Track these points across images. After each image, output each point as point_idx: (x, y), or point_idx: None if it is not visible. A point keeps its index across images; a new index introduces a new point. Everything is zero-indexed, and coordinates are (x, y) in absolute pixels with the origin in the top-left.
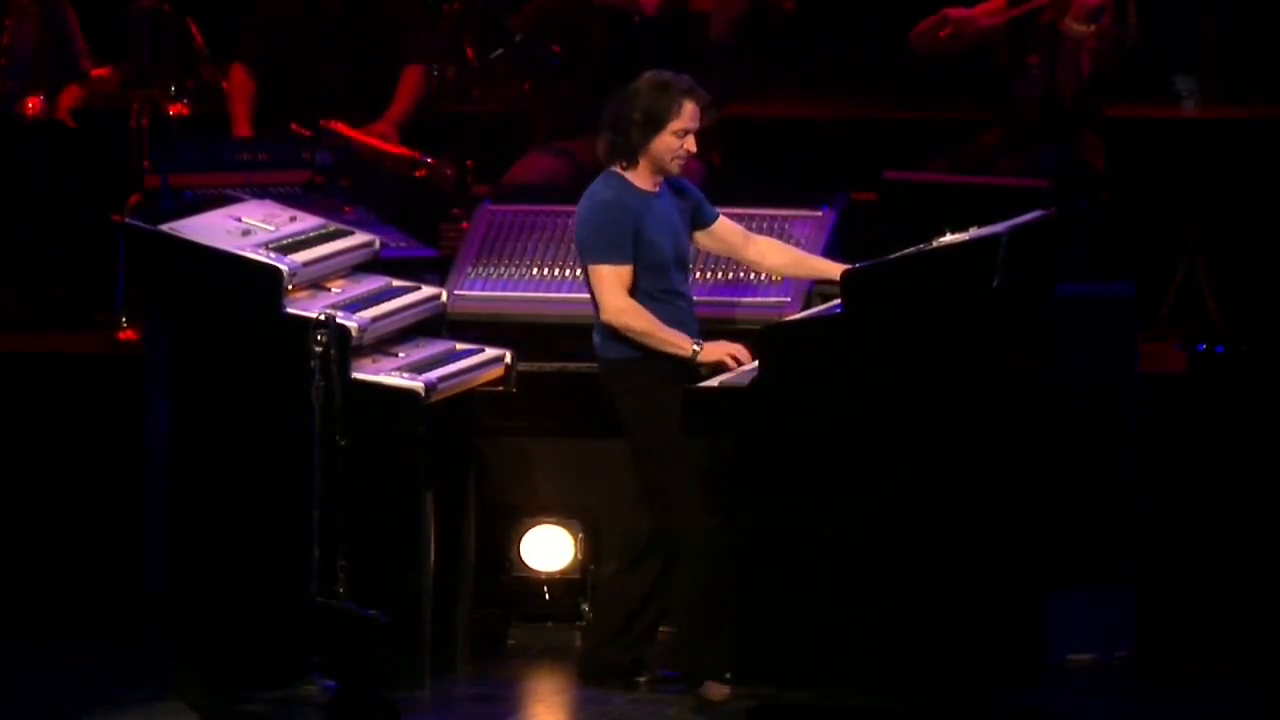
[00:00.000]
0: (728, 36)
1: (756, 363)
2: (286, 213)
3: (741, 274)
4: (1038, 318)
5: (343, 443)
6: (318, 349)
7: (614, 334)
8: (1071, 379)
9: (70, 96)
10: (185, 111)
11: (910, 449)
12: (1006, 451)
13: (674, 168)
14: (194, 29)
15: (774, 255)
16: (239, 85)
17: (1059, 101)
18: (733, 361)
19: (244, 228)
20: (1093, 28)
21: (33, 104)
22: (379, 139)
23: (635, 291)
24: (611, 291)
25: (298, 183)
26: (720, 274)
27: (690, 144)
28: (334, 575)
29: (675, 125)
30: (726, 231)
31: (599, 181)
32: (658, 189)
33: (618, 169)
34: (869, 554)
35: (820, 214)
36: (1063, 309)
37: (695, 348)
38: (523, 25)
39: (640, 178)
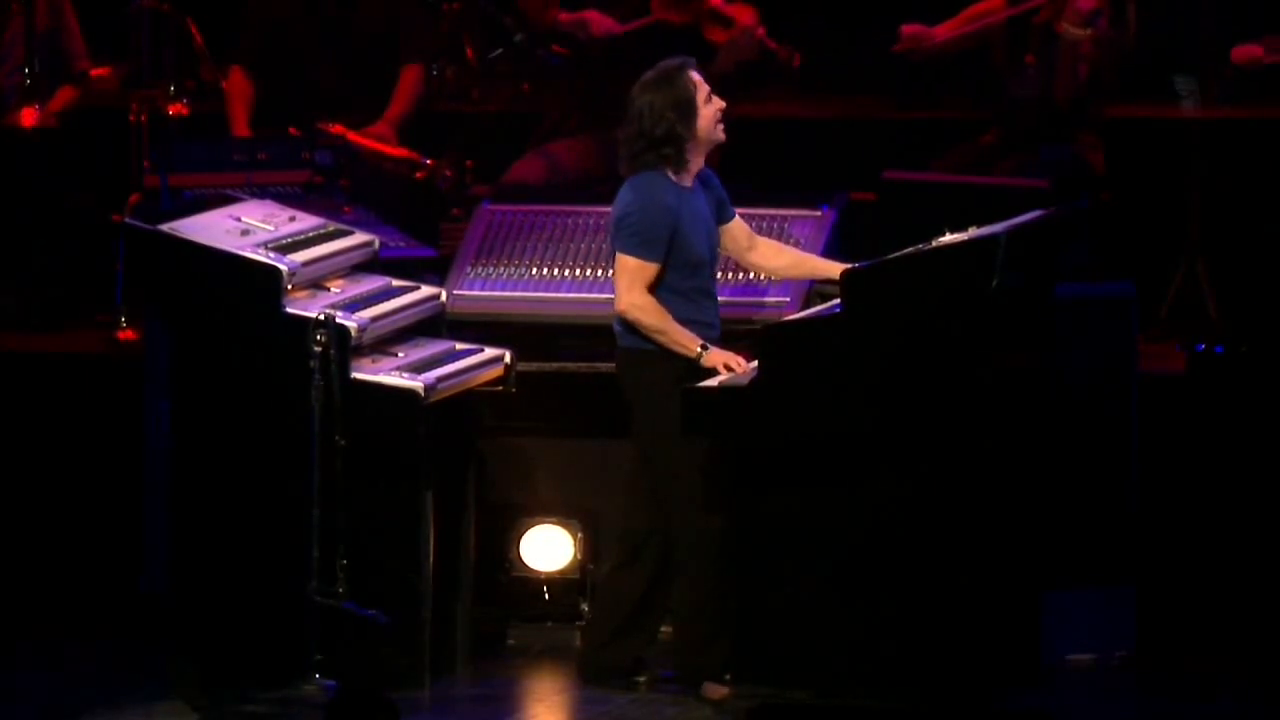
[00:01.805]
0: (729, 72)
1: (756, 363)
2: (286, 213)
3: (741, 274)
4: (1038, 318)
5: (342, 443)
6: (317, 349)
7: (632, 325)
8: (1071, 379)
9: (61, 99)
10: (185, 111)
11: (910, 449)
12: (1006, 451)
13: (720, 133)
14: (194, 29)
15: (775, 258)
16: (237, 87)
17: (1055, 103)
18: (725, 370)
19: (243, 228)
20: (1089, 32)
21: (28, 113)
22: (378, 140)
23: (666, 287)
24: (631, 285)
25: (298, 183)
26: (720, 274)
27: (718, 101)
28: (334, 575)
29: (700, 97)
30: (738, 232)
31: (638, 177)
32: (693, 185)
33: (655, 169)
34: (869, 554)
35: (820, 214)
36: (1063, 309)
37: (700, 350)
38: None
39: (674, 173)
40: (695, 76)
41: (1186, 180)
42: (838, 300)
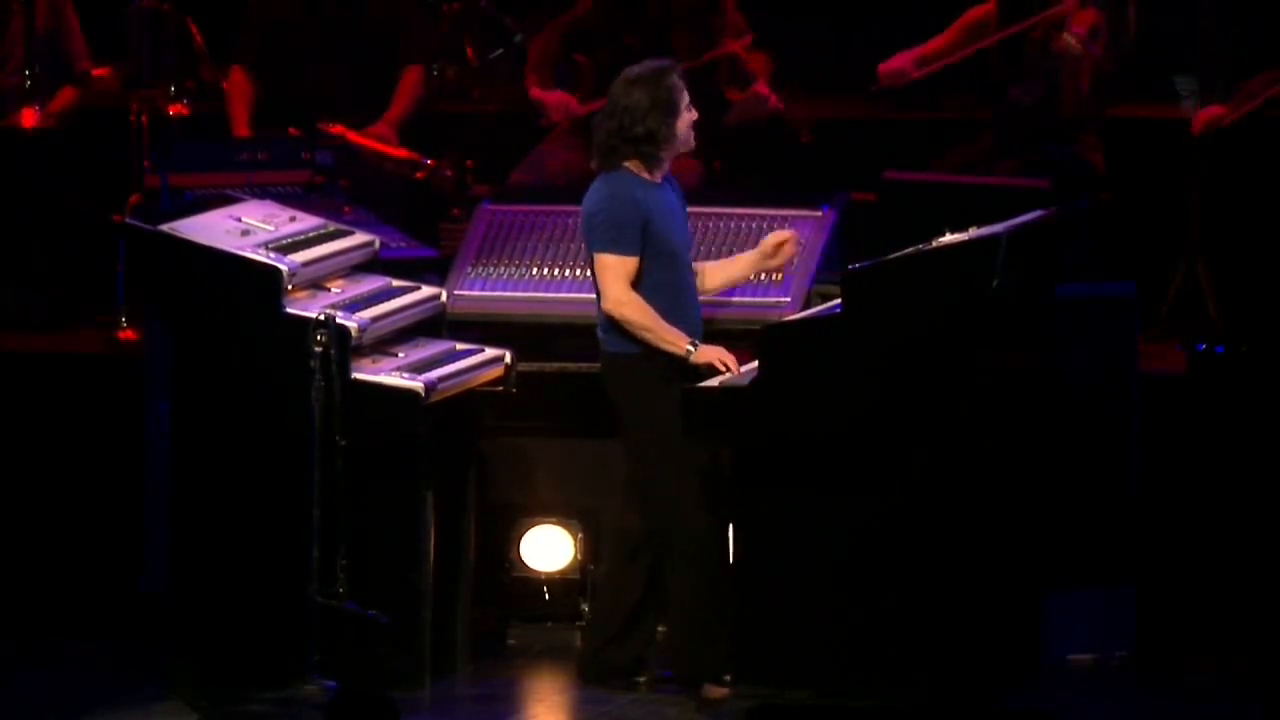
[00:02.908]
0: (734, 128)
1: (755, 363)
2: (286, 213)
3: None
4: (1038, 318)
5: (343, 443)
6: (318, 349)
7: (616, 327)
8: (1071, 379)
9: (62, 100)
10: (185, 111)
11: (910, 449)
12: (1007, 452)
13: (692, 140)
14: (194, 29)
15: (710, 277)
16: (238, 87)
17: (1060, 115)
18: (721, 366)
19: (244, 228)
20: (1088, 51)
21: (28, 114)
22: (378, 140)
23: (645, 282)
24: (614, 281)
25: (298, 183)
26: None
27: (695, 113)
28: (334, 575)
29: (684, 102)
30: None
31: (606, 175)
32: (662, 181)
33: (625, 165)
34: (869, 554)
35: (820, 214)
36: (1063, 309)
37: (690, 347)
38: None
39: (647, 171)
40: (679, 80)
41: (1186, 180)
42: (838, 300)
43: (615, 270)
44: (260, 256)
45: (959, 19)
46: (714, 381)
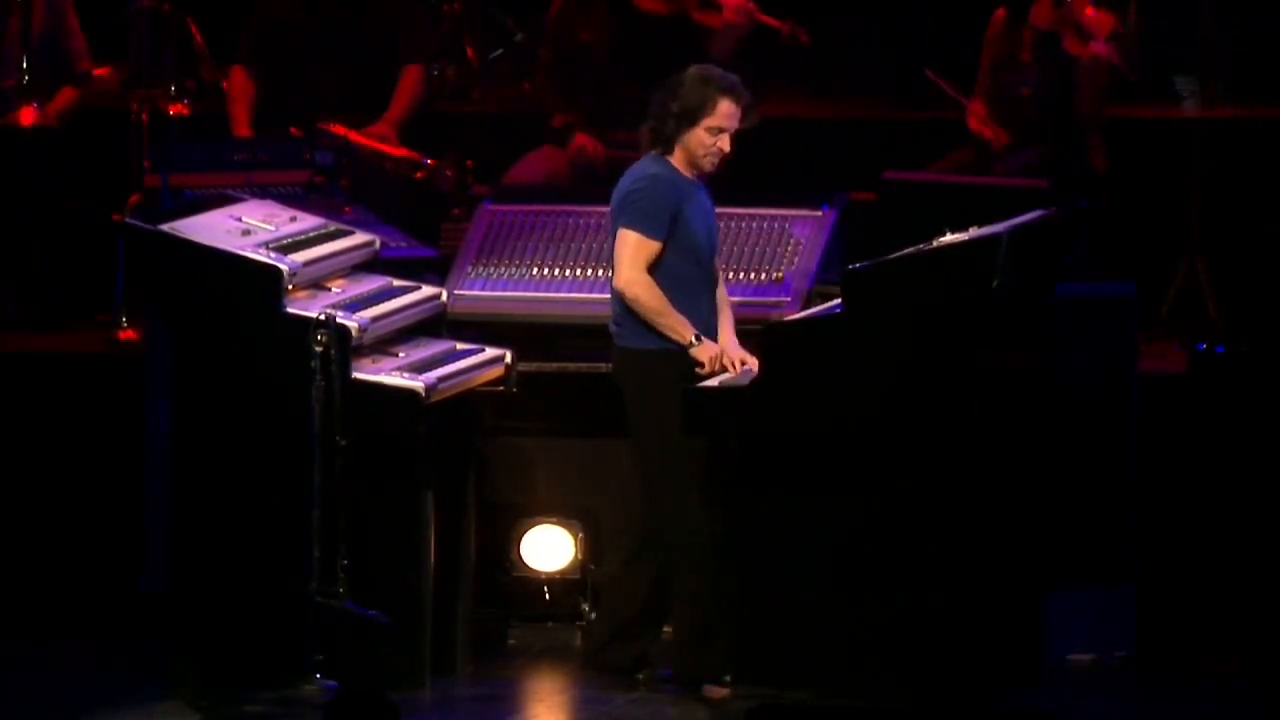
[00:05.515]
0: (728, 58)
1: (755, 363)
2: (286, 213)
3: (741, 274)
4: (1038, 318)
5: (343, 443)
6: (318, 349)
7: (630, 321)
8: (1071, 379)
9: (62, 100)
10: (185, 111)
11: (910, 449)
12: (1006, 452)
13: (706, 164)
14: (194, 29)
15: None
16: (238, 87)
17: (1079, 116)
18: (714, 366)
19: (244, 228)
20: (1110, 59)
21: (28, 112)
22: (378, 140)
23: (662, 270)
24: (632, 260)
25: (298, 183)
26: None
27: (724, 143)
28: (334, 575)
29: (709, 122)
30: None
31: (645, 159)
32: (696, 181)
33: (665, 154)
34: (869, 554)
35: (820, 214)
36: (1063, 309)
37: (695, 339)
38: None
39: (682, 165)
40: (725, 105)
41: (1186, 180)
42: (838, 300)
43: (636, 249)
44: (261, 256)
45: (986, 38)
46: (714, 381)
